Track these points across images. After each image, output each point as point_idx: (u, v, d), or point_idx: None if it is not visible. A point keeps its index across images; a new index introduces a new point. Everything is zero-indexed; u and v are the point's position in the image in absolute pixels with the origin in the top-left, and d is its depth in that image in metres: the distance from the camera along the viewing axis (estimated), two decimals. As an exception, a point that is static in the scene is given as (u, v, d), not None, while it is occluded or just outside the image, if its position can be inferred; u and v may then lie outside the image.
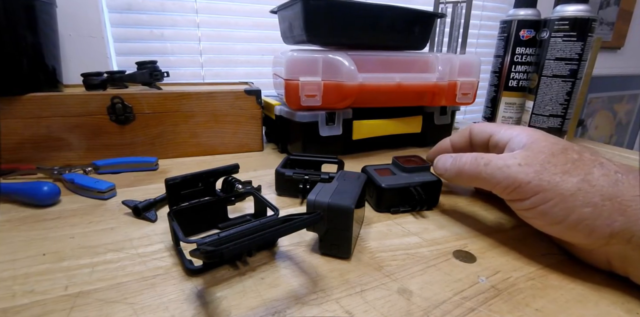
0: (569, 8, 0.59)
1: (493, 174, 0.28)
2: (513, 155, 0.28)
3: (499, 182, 0.28)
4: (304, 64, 0.49)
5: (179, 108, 0.52)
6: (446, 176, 0.34)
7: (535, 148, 0.28)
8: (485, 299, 0.24)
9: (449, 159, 0.33)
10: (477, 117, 1.20)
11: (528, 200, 0.27)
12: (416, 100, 0.58)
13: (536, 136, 0.29)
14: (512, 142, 0.30)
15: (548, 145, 0.28)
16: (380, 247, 0.30)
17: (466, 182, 0.33)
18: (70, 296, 0.24)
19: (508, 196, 0.28)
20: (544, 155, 0.27)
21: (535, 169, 0.26)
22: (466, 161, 0.31)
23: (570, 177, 0.25)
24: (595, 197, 0.24)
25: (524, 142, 0.29)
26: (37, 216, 0.35)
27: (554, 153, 0.27)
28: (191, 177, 0.31)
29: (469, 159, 0.31)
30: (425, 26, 0.58)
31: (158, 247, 0.30)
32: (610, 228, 0.24)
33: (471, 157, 0.31)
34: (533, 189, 0.26)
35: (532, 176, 0.26)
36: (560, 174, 0.26)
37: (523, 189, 0.27)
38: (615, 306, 0.24)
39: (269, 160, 0.54)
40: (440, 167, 0.34)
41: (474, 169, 0.30)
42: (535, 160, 0.27)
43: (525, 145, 0.29)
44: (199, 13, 0.76)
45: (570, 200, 0.25)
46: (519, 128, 0.32)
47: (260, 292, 0.25)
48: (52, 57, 0.50)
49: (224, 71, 0.82)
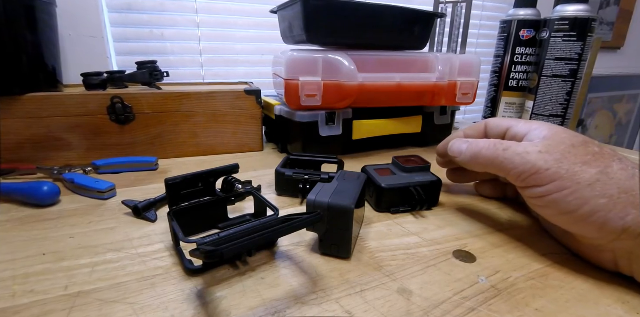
0: (569, 8, 0.59)
1: (511, 159, 0.28)
2: (534, 144, 0.28)
3: (516, 167, 0.28)
4: (304, 64, 0.49)
5: (179, 108, 0.52)
6: (460, 158, 0.33)
7: (557, 139, 0.28)
8: (485, 299, 0.24)
9: (464, 143, 0.33)
10: (477, 117, 1.20)
11: (543, 187, 0.27)
12: (416, 100, 0.58)
13: (556, 129, 0.29)
14: (531, 134, 0.30)
15: (569, 137, 0.28)
16: (380, 247, 0.30)
17: (481, 167, 0.32)
18: (70, 296, 0.24)
19: (523, 183, 0.28)
20: (565, 146, 0.27)
21: (555, 158, 0.27)
22: (484, 145, 0.31)
23: (590, 168, 0.25)
24: (613, 189, 0.24)
25: (545, 134, 0.29)
26: (37, 216, 0.35)
27: (575, 145, 0.27)
28: (191, 177, 0.31)
29: (487, 144, 0.31)
30: (425, 26, 0.58)
31: (158, 247, 0.30)
32: (623, 221, 0.23)
33: (490, 142, 0.31)
34: (551, 177, 0.26)
35: (551, 163, 0.26)
36: (580, 164, 0.26)
37: (540, 176, 0.27)
38: (616, 305, 0.24)
39: (269, 160, 0.54)
40: (455, 150, 0.34)
41: (491, 153, 0.30)
42: (556, 149, 0.27)
43: (546, 137, 0.29)
44: (199, 13, 0.76)
45: (587, 190, 0.25)
46: (539, 122, 0.32)
47: (260, 292, 0.25)
48: (52, 57, 0.50)
49: (224, 71, 0.82)
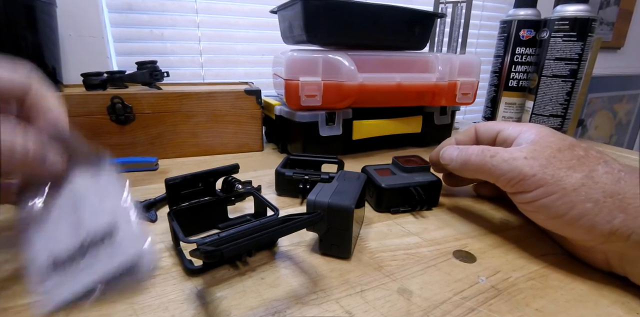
0: (569, 8, 0.59)
1: (499, 166, 0.29)
2: (520, 149, 0.29)
3: (504, 174, 0.28)
4: (304, 64, 0.49)
5: (179, 108, 0.52)
6: (451, 166, 0.34)
7: (543, 143, 0.28)
8: (485, 299, 0.24)
9: (455, 150, 0.34)
10: (477, 117, 1.20)
11: (530, 193, 0.27)
12: (416, 100, 0.58)
13: (544, 132, 0.30)
14: (520, 137, 0.31)
15: (555, 141, 0.28)
16: (380, 247, 0.30)
17: (471, 173, 0.33)
18: (70, 296, 0.24)
19: (511, 189, 0.29)
20: (551, 150, 0.27)
21: (540, 163, 0.27)
22: (472, 152, 0.32)
23: (575, 172, 0.26)
24: (597, 194, 0.24)
25: (532, 138, 0.29)
26: (37, 216, 0.35)
27: (561, 149, 0.28)
28: (191, 177, 0.31)
29: (476, 151, 0.31)
30: (425, 26, 0.58)
31: (158, 247, 0.30)
32: (610, 225, 0.24)
33: (478, 149, 0.31)
34: (537, 182, 0.26)
35: (537, 169, 0.27)
36: (565, 169, 0.26)
37: (527, 182, 0.27)
38: (616, 305, 0.24)
39: (269, 160, 0.54)
40: (447, 158, 0.34)
41: (479, 160, 0.30)
42: (541, 154, 0.27)
43: (533, 141, 0.29)
44: (199, 13, 0.76)
45: (573, 195, 0.25)
46: (528, 125, 0.32)
47: (260, 292, 0.25)
48: (52, 57, 0.50)
49: (224, 71, 0.82)
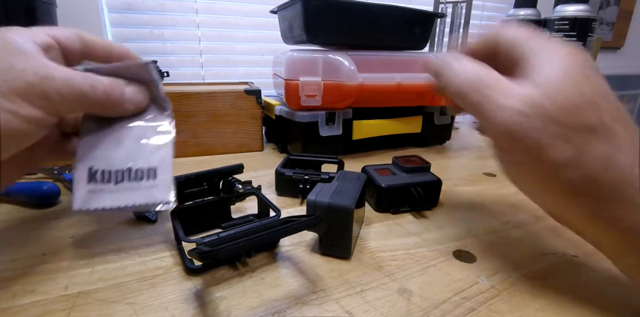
0: (569, 8, 0.59)
1: (489, 104, 0.22)
2: (525, 94, 0.21)
3: (490, 123, 0.22)
4: (304, 64, 0.49)
5: (179, 108, 0.52)
6: (439, 80, 0.26)
7: (564, 91, 0.21)
8: (485, 299, 0.24)
9: (455, 60, 0.25)
10: (477, 117, 1.19)
11: (512, 155, 0.23)
12: (416, 100, 0.58)
13: (572, 73, 0.21)
14: (541, 69, 0.22)
15: (578, 95, 0.21)
16: (380, 247, 0.30)
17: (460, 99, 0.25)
18: (70, 296, 0.24)
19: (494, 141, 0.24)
20: (557, 112, 0.21)
21: (535, 127, 0.21)
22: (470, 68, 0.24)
23: (565, 145, 0.20)
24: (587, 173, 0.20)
25: (553, 79, 0.21)
26: (37, 216, 0.35)
27: (576, 104, 0.21)
28: (194, 176, 0.31)
29: (474, 68, 0.24)
30: (425, 26, 0.58)
31: (158, 247, 0.30)
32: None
33: (477, 67, 0.24)
34: (522, 150, 0.22)
35: (533, 135, 0.21)
36: (562, 141, 0.20)
37: (512, 145, 0.22)
38: (616, 305, 0.24)
39: (269, 160, 0.54)
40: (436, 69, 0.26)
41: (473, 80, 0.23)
42: (548, 113, 0.21)
43: (554, 81, 0.21)
44: (199, 13, 0.76)
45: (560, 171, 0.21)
46: (557, 47, 0.23)
47: (260, 292, 0.25)
48: (52, 57, 0.50)
49: (224, 71, 0.82)
